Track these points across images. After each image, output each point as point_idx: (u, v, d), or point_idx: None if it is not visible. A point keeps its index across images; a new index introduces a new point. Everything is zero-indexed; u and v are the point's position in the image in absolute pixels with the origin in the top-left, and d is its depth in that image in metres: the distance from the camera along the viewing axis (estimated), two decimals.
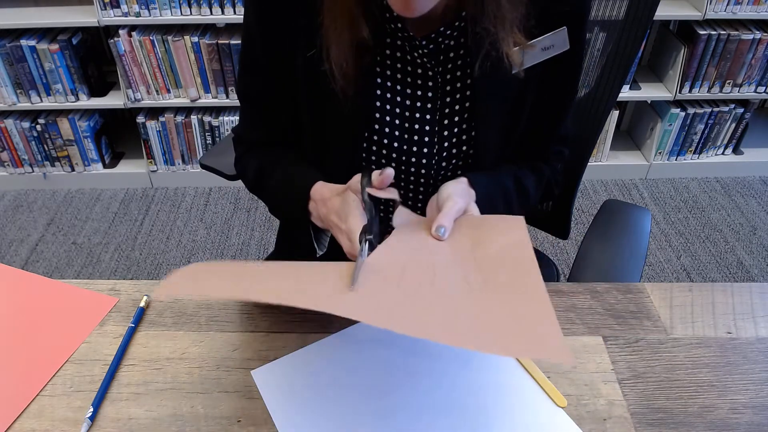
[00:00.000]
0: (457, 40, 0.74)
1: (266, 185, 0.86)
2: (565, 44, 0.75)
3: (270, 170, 0.85)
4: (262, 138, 0.88)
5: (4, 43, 1.97)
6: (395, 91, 0.78)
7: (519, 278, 0.59)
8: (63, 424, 0.61)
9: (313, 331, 0.71)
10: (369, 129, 0.79)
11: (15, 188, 2.29)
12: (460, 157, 0.81)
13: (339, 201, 0.72)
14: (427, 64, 0.75)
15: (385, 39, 0.75)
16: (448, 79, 0.77)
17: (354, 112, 0.77)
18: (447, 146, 0.80)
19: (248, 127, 0.88)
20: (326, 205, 0.74)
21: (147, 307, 0.74)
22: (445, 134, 0.79)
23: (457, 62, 0.76)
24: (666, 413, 0.62)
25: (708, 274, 1.93)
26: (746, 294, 0.77)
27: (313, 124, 0.81)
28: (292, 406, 0.62)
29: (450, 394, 0.63)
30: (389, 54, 0.76)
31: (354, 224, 0.67)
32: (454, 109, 0.78)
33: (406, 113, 0.78)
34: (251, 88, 0.84)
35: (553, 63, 0.76)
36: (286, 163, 0.85)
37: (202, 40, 1.98)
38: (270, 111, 0.84)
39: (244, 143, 0.90)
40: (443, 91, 0.77)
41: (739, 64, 2.08)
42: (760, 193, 2.26)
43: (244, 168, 0.90)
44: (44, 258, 1.98)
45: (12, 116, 2.14)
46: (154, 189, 2.30)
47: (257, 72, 0.81)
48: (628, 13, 0.91)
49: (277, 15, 0.75)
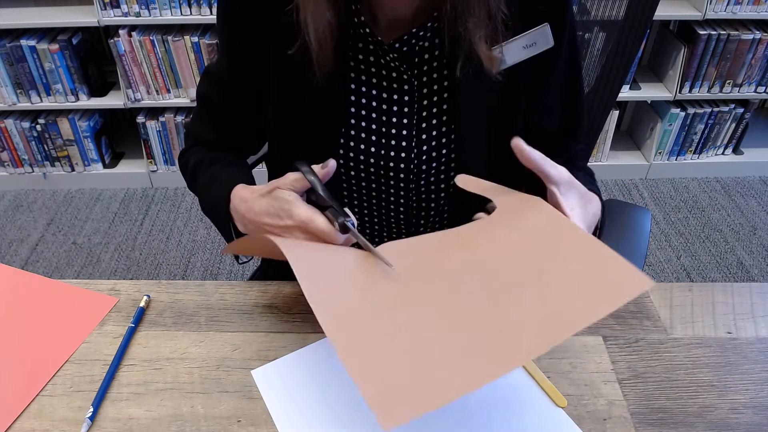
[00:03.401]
0: (431, 41, 0.73)
1: (197, 183, 0.85)
2: (549, 42, 0.73)
3: (204, 168, 0.84)
4: (211, 139, 0.86)
5: (4, 43, 1.97)
6: (370, 95, 0.77)
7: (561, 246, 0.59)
8: (63, 424, 0.61)
9: (313, 331, 0.71)
10: (344, 134, 0.78)
11: (15, 188, 2.29)
12: (441, 160, 0.79)
13: (268, 201, 0.68)
14: (400, 68, 0.74)
15: (358, 44, 0.74)
16: (425, 81, 0.75)
17: (328, 116, 0.76)
18: (426, 149, 0.78)
19: (200, 126, 0.87)
20: (247, 204, 0.71)
21: (147, 307, 0.74)
22: (423, 137, 0.78)
23: (432, 64, 0.75)
24: (666, 413, 0.62)
25: (708, 274, 1.93)
26: (746, 294, 0.77)
27: (285, 130, 0.81)
28: (292, 406, 0.62)
29: None
30: (362, 59, 0.75)
31: (306, 214, 0.64)
32: (431, 111, 0.77)
33: (383, 117, 0.77)
34: (211, 95, 0.84)
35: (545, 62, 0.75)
36: (221, 165, 0.83)
37: (202, 40, 1.98)
38: (225, 119, 0.84)
39: (192, 138, 0.89)
40: (420, 94, 0.76)
41: (739, 64, 2.08)
42: (760, 193, 2.26)
43: (186, 163, 0.88)
44: (44, 258, 1.98)
45: (12, 116, 2.14)
46: (154, 189, 2.30)
47: (220, 84, 0.82)
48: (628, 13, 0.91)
49: (246, 31, 0.75)
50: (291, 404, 0.63)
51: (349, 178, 0.82)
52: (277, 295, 0.76)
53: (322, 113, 0.77)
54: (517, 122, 0.79)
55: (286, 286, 0.77)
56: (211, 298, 0.75)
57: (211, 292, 0.76)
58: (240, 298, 0.75)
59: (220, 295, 0.76)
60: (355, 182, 0.82)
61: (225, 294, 0.76)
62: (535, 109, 0.80)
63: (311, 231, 0.65)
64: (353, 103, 0.77)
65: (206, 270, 1.94)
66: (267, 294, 0.76)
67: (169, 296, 0.75)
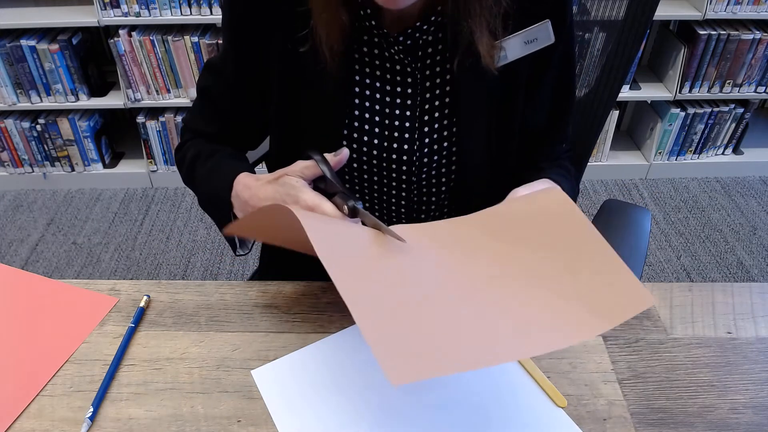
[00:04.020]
0: (434, 35, 0.74)
1: (196, 174, 0.84)
2: (550, 38, 0.73)
3: (203, 160, 0.83)
4: (211, 132, 0.86)
5: (4, 43, 1.97)
6: (374, 87, 0.77)
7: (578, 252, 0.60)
8: (63, 424, 0.61)
9: (313, 331, 0.71)
10: (347, 126, 0.78)
11: (15, 188, 2.29)
12: (442, 153, 0.80)
13: (274, 187, 0.68)
14: (404, 60, 0.75)
15: (362, 36, 0.74)
16: (428, 74, 0.76)
17: (332, 108, 0.77)
18: (428, 142, 0.79)
19: (200, 120, 0.87)
20: (251, 191, 0.71)
21: (147, 307, 0.74)
22: (425, 130, 0.78)
23: (436, 57, 0.75)
24: (666, 413, 0.62)
25: (708, 274, 1.93)
26: (746, 294, 0.77)
27: (289, 122, 0.81)
28: (292, 406, 0.62)
29: (450, 394, 0.63)
30: (366, 51, 0.75)
31: (312, 199, 0.64)
32: (434, 104, 0.78)
33: (386, 109, 0.78)
34: (213, 88, 0.83)
35: (543, 59, 0.75)
36: (221, 156, 0.83)
37: (202, 40, 1.98)
38: (226, 111, 0.84)
39: (190, 132, 0.88)
40: (423, 87, 0.77)
41: (739, 64, 2.08)
42: (760, 193, 2.26)
43: (183, 156, 0.87)
44: (44, 258, 1.98)
45: (12, 116, 2.14)
46: (154, 189, 2.30)
47: (222, 76, 0.81)
48: (628, 13, 0.91)
49: (252, 28, 0.75)
50: (291, 404, 0.63)
51: (351, 170, 0.82)
52: (277, 295, 0.76)
53: (327, 105, 0.77)
54: (516, 118, 0.79)
55: (286, 286, 0.77)
56: (211, 298, 0.75)
57: (211, 292, 0.76)
58: (240, 298, 0.75)
59: (220, 295, 0.76)
60: (357, 173, 0.82)
61: (225, 294, 0.76)
62: (529, 107, 0.80)
63: (326, 210, 0.64)
64: (357, 94, 0.77)
65: (206, 270, 1.94)
66: (267, 294, 0.76)
67: (169, 296, 0.75)
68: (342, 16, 0.68)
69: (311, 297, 0.75)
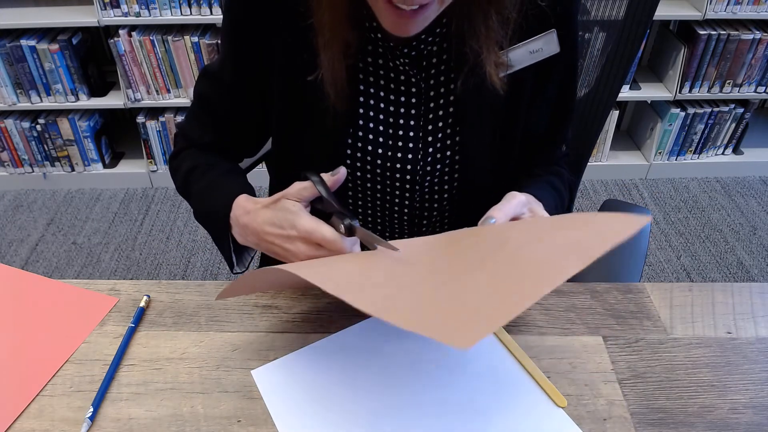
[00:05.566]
0: (439, 45, 0.74)
1: (193, 189, 0.82)
2: (555, 47, 0.74)
3: (200, 173, 0.82)
4: (208, 140, 0.85)
5: (4, 43, 1.97)
6: (378, 97, 0.77)
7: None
8: (63, 424, 0.61)
9: (313, 331, 0.71)
10: (352, 136, 0.78)
11: (15, 188, 2.29)
12: (445, 162, 0.80)
13: (272, 211, 0.68)
14: (409, 72, 0.74)
15: (367, 46, 0.74)
16: (432, 84, 0.76)
17: (337, 119, 0.76)
18: (432, 151, 0.79)
19: (196, 127, 0.85)
20: (250, 216, 0.71)
21: (147, 307, 0.74)
22: (429, 139, 0.78)
23: (440, 67, 0.75)
24: (666, 413, 0.62)
25: (708, 274, 1.93)
26: (746, 294, 0.77)
27: (292, 129, 0.80)
28: (292, 406, 0.63)
29: (450, 394, 0.63)
30: (371, 61, 0.75)
31: (310, 225, 0.65)
32: (438, 114, 0.77)
33: (390, 119, 0.78)
34: (211, 95, 0.82)
35: (547, 68, 0.75)
36: (218, 170, 0.82)
37: (202, 40, 1.98)
38: (224, 120, 0.83)
39: (185, 140, 0.86)
40: (427, 98, 0.76)
41: (739, 64, 2.08)
42: (760, 193, 2.26)
43: (178, 165, 0.85)
44: (44, 258, 1.98)
45: (12, 116, 2.14)
46: (154, 189, 2.30)
47: (221, 84, 0.81)
48: (628, 13, 0.91)
49: (253, 36, 0.75)
50: (291, 404, 0.63)
51: (355, 179, 0.82)
52: (277, 295, 0.76)
53: (331, 115, 0.77)
54: (519, 125, 0.79)
55: None
56: (211, 298, 0.75)
57: (211, 292, 0.76)
58: (240, 298, 0.75)
59: None
60: (360, 183, 0.82)
61: None
62: (532, 114, 0.80)
63: (316, 241, 0.65)
64: (362, 104, 0.77)
65: (206, 270, 1.94)
66: (267, 294, 0.76)
67: (169, 296, 0.75)
68: (347, 36, 0.68)
69: (311, 297, 0.75)
